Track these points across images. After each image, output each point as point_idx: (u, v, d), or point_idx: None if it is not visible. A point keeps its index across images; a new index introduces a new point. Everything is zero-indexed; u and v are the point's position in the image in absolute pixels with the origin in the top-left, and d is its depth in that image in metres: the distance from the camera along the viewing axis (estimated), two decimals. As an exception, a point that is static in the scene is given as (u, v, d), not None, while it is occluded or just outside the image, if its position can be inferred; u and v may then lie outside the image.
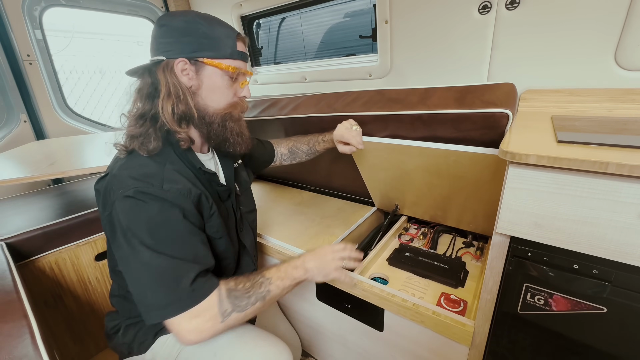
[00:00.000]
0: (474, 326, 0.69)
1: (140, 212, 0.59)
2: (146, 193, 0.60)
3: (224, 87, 0.71)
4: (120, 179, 0.61)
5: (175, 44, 0.66)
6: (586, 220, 0.48)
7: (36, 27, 1.45)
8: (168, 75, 0.66)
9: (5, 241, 0.97)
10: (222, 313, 0.62)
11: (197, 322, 0.60)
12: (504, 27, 0.93)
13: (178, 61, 0.65)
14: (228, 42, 0.69)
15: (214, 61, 0.67)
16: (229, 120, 0.74)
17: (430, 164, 0.89)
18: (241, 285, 0.67)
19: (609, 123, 0.63)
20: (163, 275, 0.59)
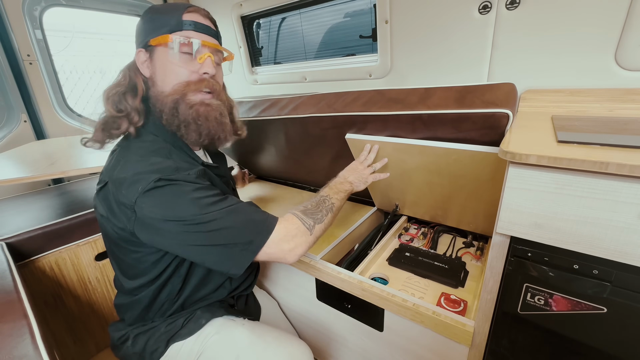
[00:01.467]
0: (474, 326, 0.69)
1: (174, 193, 0.57)
2: (167, 178, 0.58)
3: (174, 64, 0.63)
4: (133, 179, 0.58)
5: (135, 38, 0.68)
6: (586, 221, 0.48)
7: (36, 27, 1.45)
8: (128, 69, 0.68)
9: (6, 241, 0.97)
10: (308, 227, 0.68)
11: (294, 241, 0.64)
12: (504, 27, 0.92)
13: (137, 52, 0.66)
14: (173, 15, 0.63)
15: (158, 38, 0.63)
16: (182, 103, 0.64)
17: (430, 163, 0.89)
18: (310, 205, 0.73)
19: (609, 123, 0.63)
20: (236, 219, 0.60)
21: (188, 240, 0.58)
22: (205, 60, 0.65)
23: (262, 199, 1.47)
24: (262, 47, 1.68)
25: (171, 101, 0.64)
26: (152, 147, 0.65)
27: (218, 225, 0.58)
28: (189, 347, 0.73)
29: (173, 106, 0.64)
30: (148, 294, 0.72)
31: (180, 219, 0.57)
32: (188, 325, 0.74)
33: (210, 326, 0.75)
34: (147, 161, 0.61)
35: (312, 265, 0.95)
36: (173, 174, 0.58)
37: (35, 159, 1.13)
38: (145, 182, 0.56)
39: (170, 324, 0.74)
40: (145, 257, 0.67)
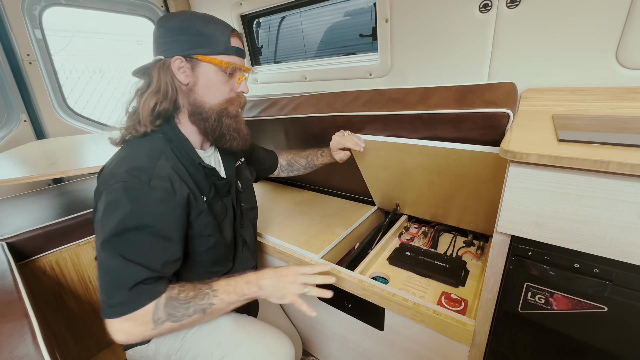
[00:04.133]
0: (474, 325, 0.69)
1: (119, 206, 0.60)
2: (130, 190, 0.61)
3: (219, 82, 0.72)
4: (113, 172, 0.63)
5: (172, 43, 0.68)
6: (587, 220, 0.48)
7: (36, 26, 1.45)
8: (163, 73, 0.68)
9: (6, 241, 0.97)
10: (154, 320, 0.62)
11: (128, 325, 0.60)
12: (504, 26, 0.92)
13: (174, 59, 0.68)
14: (222, 38, 0.70)
15: (208, 57, 0.69)
16: (225, 116, 0.74)
17: (430, 163, 0.89)
18: (184, 294, 0.65)
19: (610, 122, 0.63)
20: (112, 276, 0.60)
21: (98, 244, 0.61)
22: (242, 81, 0.76)
23: (262, 199, 1.47)
24: (262, 46, 1.68)
25: (216, 113, 0.73)
26: (149, 148, 0.69)
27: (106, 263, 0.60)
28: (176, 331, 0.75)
29: (217, 118, 0.73)
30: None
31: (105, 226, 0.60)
32: None
33: None
34: (133, 158, 0.66)
35: (312, 264, 0.95)
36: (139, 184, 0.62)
37: (35, 159, 1.13)
38: (115, 180, 0.61)
39: None
40: None
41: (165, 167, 0.66)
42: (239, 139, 0.78)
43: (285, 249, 1.03)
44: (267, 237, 1.11)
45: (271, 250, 1.07)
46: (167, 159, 0.68)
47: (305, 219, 1.22)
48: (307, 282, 0.74)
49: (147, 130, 0.69)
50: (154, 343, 0.77)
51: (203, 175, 0.75)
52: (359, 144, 0.93)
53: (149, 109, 0.68)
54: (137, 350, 0.80)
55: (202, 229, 0.72)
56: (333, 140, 0.97)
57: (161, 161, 0.67)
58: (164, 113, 0.70)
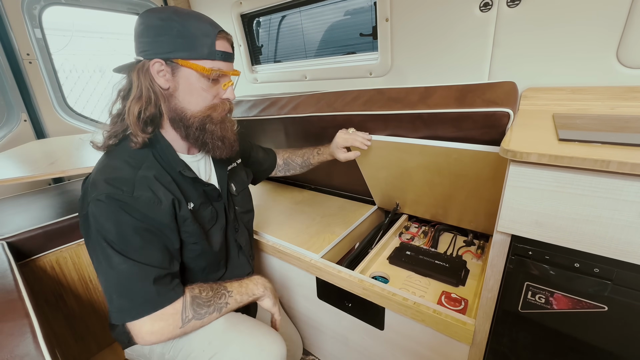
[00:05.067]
0: (474, 325, 0.69)
1: (110, 217, 0.60)
2: (116, 199, 0.60)
3: (201, 89, 0.67)
4: (95, 182, 0.62)
5: (152, 43, 0.63)
6: (587, 219, 0.48)
7: (36, 26, 1.44)
8: (142, 76, 0.64)
9: (6, 240, 0.97)
10: (183, 319, 0.65)
11: (160, 325, 0.63)
12: (505, 25, 0.92)
13: (153, 62, 0.63)
14: (205, 41, 0.64)
15: (189, 62, 0.63)
16: (209, 123, 0.70)
17: (431, 162, 0.89)
18: (204, 293, 0.70)
19: (611, 121, 0.63)
20: (129, 279, 0.61)
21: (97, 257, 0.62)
22: (228, 87, 0.71)
23: (261, 198, 1.47)
24: (262, 46, 1.68)
25: (198, 121, 0.69)
26: (129, 153, 0.68)
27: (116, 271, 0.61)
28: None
29: (200, 125, 0.69)
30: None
31: (102, 238, 0.61)
32: None
33: None
34: (114, 169, 0.65)
35: (312, 264, 0.95)
36: (122, 196, 0.61)
37: (35, 159, 1.13)
38: (98, 193, 0.61)
39: None
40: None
41: (147, 176, 0.65)
42: (224, 147, 0.73)
43: (285, 249, 1.03)
44: (267, 236, 1.11)
45: (271, 250, 1.07)
46: (148, 168, 0.66)
47: (305, 219, 1.22)
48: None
49: (144, 139, 0.67)
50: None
51: (189, 182, 0.73)
52: (364, 143, 0.93)
53: (134, 117, 0.65)
54: (134, 349, 0.81)
55: (188, 237, 0.72)
56: (339, 137, 0.95)
57: (142, 171, 0.65)
58: (152, 118, 0.67)
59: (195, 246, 0.74)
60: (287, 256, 1.03)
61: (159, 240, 0.66)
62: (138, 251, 0.62)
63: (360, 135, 0.93)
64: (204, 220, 0.76)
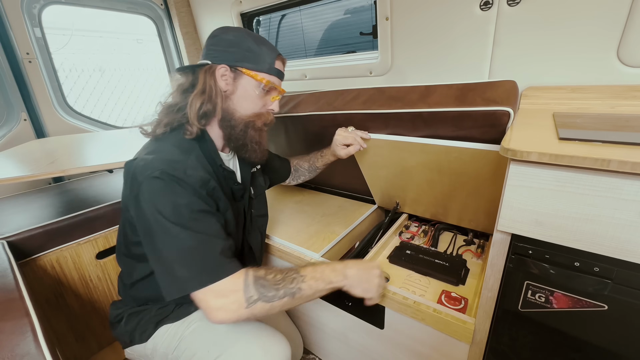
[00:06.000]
0: (474, 324, 0.69)
1: (166, 191, 0.63)
2: (171, 175, 0.64)
3: (254, 96, 0.77)
4: (148, 162, 0.65)
5: (222, 52, 0.74)
6: (587, 218, 0.48)
7: (35, 25, 1.44)
8: (208, 76, 0.73)
9: (7, 240, 0.97)
10: (247, 298, 0.62)
11: (223, 301, 0.62)
12: (505, 24, 0.92)
13: (220, 66, 0.73)
14: (268, 58, 0.76)
15: (251, 72, 0.74)
16: (251, 127, 0.78)
17: (431, 161, 0.89)
18: (271, 276, 0.66)
19: (611, 120, 0.63)
20: (190, 249, 0.62)
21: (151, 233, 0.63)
22: (275, 101, 0.82)
23: (262, 197, 1.47)
24: (262, 45, 1.67)
25: (244, 123, 0.77)
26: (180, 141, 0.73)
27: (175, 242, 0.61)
28: (174, 330, 0.78)
29: (244, 128, 0.78)
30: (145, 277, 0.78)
31: (157, 212, 0.62)
32: (178, 311, 0.80)
33: (197, 314, 0.80)
34: (167, 152, 0.69)
35: (312, 263, 0.95)
36: (178, 172, 0.65)
37: (36, 158, 1.13)
38: (153, 170, 0.63)
39: (161, 308, 0.80)
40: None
41: (196, 163, 0.70)
42: (258, 152, 0.82)
43: (285, 248, 1.03)
44: (268, 235, 1.11)
45: (271, 249, 1.07)
46: (196, 156, 0.72)
47: (305, 218, 1.22)
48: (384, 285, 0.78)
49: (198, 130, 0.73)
50: (151, 342, 0.78)
51: (222, 178, 0.78)
52: (361, 143, 0.94)
53: (195, 109, 0.72)
54: (135, 349, 0.81)
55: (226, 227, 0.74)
56: (338, 135, 0.97)
57: (192, 157, 0.71)
58: (208, 114, 0.74)
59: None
60: (287, 255, 1.03)
61: (212, 214, 0.68)
62: (195, 222, 0.64)
63: (359, 134, 0.94)
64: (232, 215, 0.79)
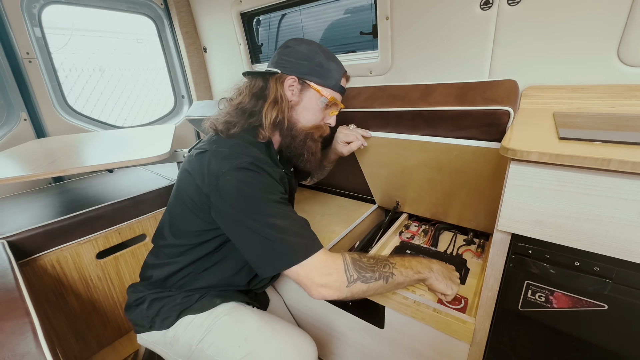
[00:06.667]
0: (474, 323, 0.69)
1: (259, 178, 0.67)
2: (260, 166, 0.68)
3: (317, 109, 0.81)
4: (229, 154, 0.69)
5: (293, 63, 0.77)
6: (588, 218, 0.48)
7: (35, 24, 1.44)
8: (278, 85, 0.77)
9: (7, 239, 0.97)
10: (348, 277, 0.65)
11: (327, 279, 0.63)
12: (505, 23, 0.92)
13: (290, 77, 0.77)
14: (335, 75, 0.80)
15: (318, 87, 0.78)
16: (310, 139, 0.82)
17: (431, 159, 0.89)
18: (365, 259, 0.69)
19: (612, 120, 0.63)
20: (289, 226, 0.64)
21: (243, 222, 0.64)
22: (333, 115, 0.86)
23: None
24: (262, 44, 1.67)
25: (304, 134, 0.81)
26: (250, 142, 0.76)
27: (273, 222, 0.63)
28: (200, 322, 0.77)
29: (304, 139, 0.81)
30: (179, 259, 0.79)
31: (249, 201, 0.64)
32: (202, 302, 0.80)
33: (222, 307, 0.80)
34: (245, 148, 0.72)
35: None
36: (264, 165, 0.69)
37: (36, 158, 1.13)
38: (240, 161, 0.67)
39: (186, 297, 0.80)
40: (200, 223, 0.74)
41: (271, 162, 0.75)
42: (313, 162, 0.85)
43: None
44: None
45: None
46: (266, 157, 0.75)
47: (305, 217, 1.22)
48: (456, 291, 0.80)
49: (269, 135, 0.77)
50: (172, 330, 0.77)
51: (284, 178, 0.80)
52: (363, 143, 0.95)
53: (271, 119, 0.76)
54: (152, 335, 0.79)
55: None
56: (339, 133, 0.97)
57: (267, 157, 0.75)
58: (280, 122, 0.78)
59: None
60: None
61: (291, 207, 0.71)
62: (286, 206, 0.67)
63: (359, 131, 0.94)
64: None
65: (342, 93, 0.85)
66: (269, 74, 0.78)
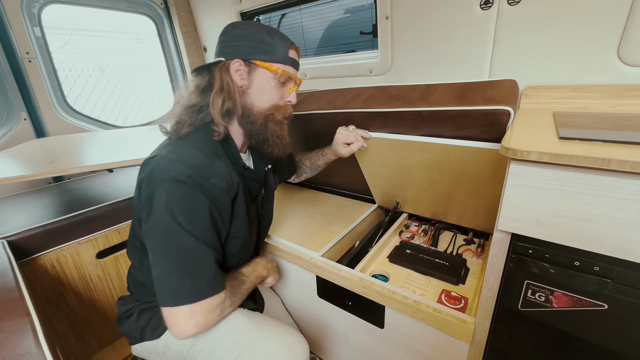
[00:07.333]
0: (474, 323, 0.69)
1: (188, 197, 0.63)
2: (196, 182, 0.63)
3: (271, 89, 0.75)
4: (171, 162, 0.65)
5: (235, 47, 0.72)
6: (588, 217, 0.48)
7: (35, 24, 1.44)
8: (223, 73, 0.72)
9: (7, 239, 0.97)
10: (222, 308, 0.68)
11: (206, 316, 0.64)
12: (505, 23, 0.92)
13: (234, 61, 0.72)
14: (281, 48, 0.74)
15: (266, 64, 0.73)
16: (271, 121, 0.77)
17: (431, 160, 0.89)
18: (233, 282, 0.74)
19: (612, 119, 0.63)
20: (195, 259, 0.63)
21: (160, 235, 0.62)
22: (293, 91, 0.79)
23: (262, 196, 1.47)
24: (261, 44, 1.67)
25: (263, 117, 0.76)
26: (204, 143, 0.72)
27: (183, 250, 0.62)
28: None
29: (264, 122, 0.76)
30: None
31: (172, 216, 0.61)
32: None
33: None
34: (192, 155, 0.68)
35: (313, 262, 0.95)
36: (203, 179, 0.64)
37: (36, 157, 1.13)
38: (178, 172, 0.63)
39: None
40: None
41: (222, 166, 0.70)
42: (281, 146, 0.80)
43: (285, 247, 1.03)
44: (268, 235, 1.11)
45: (271, 248, 1.07)
46: (219, 158, 0.71)
47: (305, 217, 1.22)
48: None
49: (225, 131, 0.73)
50: (164, 339, 0.77)
51: (242, 178, 0.78)
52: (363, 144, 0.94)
53: (218, 108, 0.72)
54: (145, 346, 0.80)
55: (237, 230, 0.75)
56: (339, 134, 0.95)
57: (217, 161, 0.70)
58: (230, 111, 0.74)
59: (240, 240, 0.77)
60: (287, 254, 1.03)
61: (219, 226, 0.69)
62: (207, 233, 0.65)
63: (359, 132, 0.94)
64: (249, 217, 0.79)
65: (296, 66, 0.78)
66: (213, 64, 0.74)
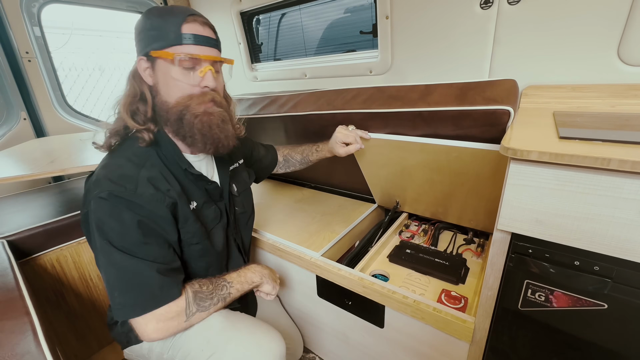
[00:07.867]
0: (474, 322, 0.69)
1: (112, 214, 0.61)
2: (119, 197, 0.61)
3: (175, 77, 0.64)
4: (98, 180, 0.63)
5: (137, 44, 0.66)
6: (587, 217, 0.48)
7: (35, 24, 1.44)
8: (132, 77, 0.67)
9: (7, 239, 0.97)
10: (187, 314, 0.68)
11: (165, 324, 0.65)
12: (505, 22, 0.92)
13: (139, 60, 0.66)
14: (172, 27, 0.61)
15: (159, 51, 0.62)
16: (188, 115, 0.65)
17: (431, 160, 0.89)
18: (205, 287, 0.72)
19: (612, 119, 0.63)
20: (131, 275, 0.62)
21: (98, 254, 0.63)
22: (205, 73, 0.66)
23: (262, 196, 1.47)
24: (261, 44, 1.67)
25: (176, 112, 0.66)
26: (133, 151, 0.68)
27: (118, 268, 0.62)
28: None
29: (178, 117, 0.66)
30: None
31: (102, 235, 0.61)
32: None
33: None
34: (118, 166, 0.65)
35: (312, 262, 0.95)
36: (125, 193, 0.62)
37: (35, 157, 1.13)
38: (100, 189, 0.61)
39: None
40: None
41: (150, 174, 0.66)
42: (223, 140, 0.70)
43: (285, 247, 1.03)
44: (268, 235, 1.11)
45: (271, 248, 1.07)
46: (152, 166, 0.67)
47: (305, 217, 1.22)
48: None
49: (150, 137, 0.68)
50: (147, 343, 0.77)
51: (192, 181, 0.74)
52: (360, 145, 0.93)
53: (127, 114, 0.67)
54: (133, 350, 0.81)
55: (190, 237, 0.72)
56: (338, 132, 0.95)
57: (145, 169, 0.66)
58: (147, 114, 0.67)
59: (197, 246, 0.74)
60: (287, 254, 1.03)
61: (160, 236, 0.66)
62: (140, 247, 0.63)
63: (359, 133, 0.94)
64: (207, 219, 0.76)
65: (200, 42, 0.63)
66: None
